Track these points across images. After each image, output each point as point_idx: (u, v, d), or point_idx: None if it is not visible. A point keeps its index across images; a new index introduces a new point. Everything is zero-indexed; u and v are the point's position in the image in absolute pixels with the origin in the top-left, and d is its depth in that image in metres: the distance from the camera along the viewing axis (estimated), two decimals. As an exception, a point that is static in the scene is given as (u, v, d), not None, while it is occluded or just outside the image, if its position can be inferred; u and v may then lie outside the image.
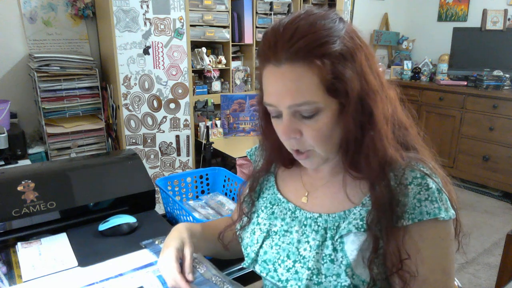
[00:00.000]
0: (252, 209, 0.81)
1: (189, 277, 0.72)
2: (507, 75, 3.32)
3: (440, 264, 0.62)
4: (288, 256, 0.70)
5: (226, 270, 0.94)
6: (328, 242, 0.66)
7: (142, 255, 0.96)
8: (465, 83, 3.52)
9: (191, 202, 1.30)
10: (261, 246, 0.75)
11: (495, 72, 3.34)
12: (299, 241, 0.70)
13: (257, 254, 0.75)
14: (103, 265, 0.91)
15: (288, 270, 0.69)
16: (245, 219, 0.82)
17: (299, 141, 0.65)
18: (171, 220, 1.21)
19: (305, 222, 0.71)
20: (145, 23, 2.19)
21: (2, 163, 1.90)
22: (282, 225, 0.74)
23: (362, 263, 0.63)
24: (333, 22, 0.60)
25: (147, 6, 2.17)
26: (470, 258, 2.42)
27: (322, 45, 0.57)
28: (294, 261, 0.69)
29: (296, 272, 0.68)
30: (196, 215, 1.18)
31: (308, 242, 0.68)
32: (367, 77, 0.61)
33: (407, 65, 3.89)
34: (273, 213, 0.77)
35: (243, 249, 0.79)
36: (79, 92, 2.21)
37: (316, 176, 0.74)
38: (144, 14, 2.18)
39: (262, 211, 0.79)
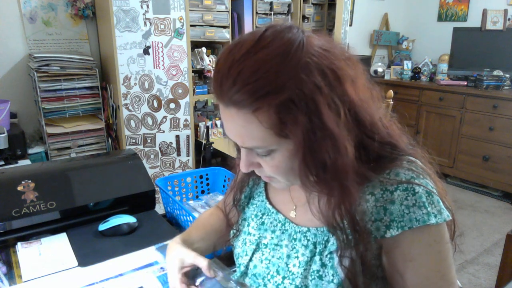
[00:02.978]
0: (243, 216, 0.80)
1: (211, 273, 0.71)
2: (507, 75, 3.32)
3: (437, 269, 0.59)
4: (277, 272, 0.68)
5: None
6: (317, 258, 0.64)
7: (142, 255, 0.96)
8: (465, 83, 3.52)
9: (191, 202, 1.30)
10: (250, 259, 0.73)
11: (495, 72, 3.34)
12: (288, 256, 0.68)
13: (247, 267, 0.74)
14: (103, 265, 0.91)
15: (277, 287, 0.67)
16: (235, 227, 0.80)
17: (259, 171, 0.64)
18: (171, 220, 1.21)
19: (294, 236, 0.68)
20: (145, 23, 2.19)
21: (2, 163, 1.90)
22: (272, 238, 0.72)
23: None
24: (285, 60, 0.52)
25: (147, 6, 2.17)
26: (470, 258, 2.42)
27: (266, 96, 0.52)
28: (283, 277, 0.67)
29: None
30: (196, 215, 1.18)
31: (297, 257, 0.66)
32: (324, 122, 0.53)
33: (407, 65, 3.89)
34: (263, 223, 0.75)
35: (235, 258, 0.78)
36: (79, 92, 2.21)
37: (302, 190, 0.69)
38: (144, 14, 2.18)
39: (252, 219, 0.77)
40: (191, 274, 0.76)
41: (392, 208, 0.59)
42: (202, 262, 0.72)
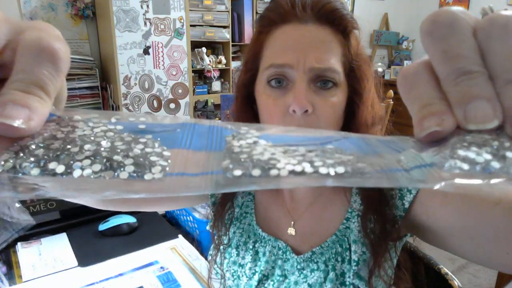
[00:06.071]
0: (226, 236, 0.65)
1: None
2: (507, 75, 3.32)
3: None
4: None
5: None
6: (331, 274, 0.57)
7: (142, 255, 0.96)
8: (465, 83, 3.52)
9: (191, 202, 1.30)
10: None
11: (495, 72, 3.34)
12: (296, 283, 0.59)
13: None
14: (103, 265, 0.91)
15: None
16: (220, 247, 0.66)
17: (308, 118, 0.51)
18: (171, 220, 1.21)
19: (298, 266, 0.59)
20: (145, 23, 2.19)
21: (2, 163, 1.90)
22: (273, 267, 0.61)
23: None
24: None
25: (147, 6, 2.17)
26: (470, 258, 2.42)
27: (352, 22, 0.54)
28: None
29: None
30: (196, 215, 1.18)
31: (309, 285, 0.58)
32: (371, 91, 0.58)
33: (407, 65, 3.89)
34: (257, 252, 0.62)
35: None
36: (79, 92, 2.21)
37: (298, 198, 0.63)
38: (144, 14, 2.18)
39: (240, 247, 0.64)
40: None
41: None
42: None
